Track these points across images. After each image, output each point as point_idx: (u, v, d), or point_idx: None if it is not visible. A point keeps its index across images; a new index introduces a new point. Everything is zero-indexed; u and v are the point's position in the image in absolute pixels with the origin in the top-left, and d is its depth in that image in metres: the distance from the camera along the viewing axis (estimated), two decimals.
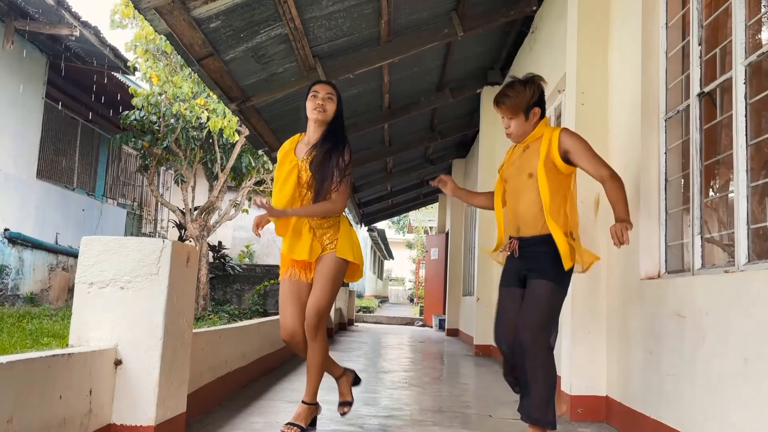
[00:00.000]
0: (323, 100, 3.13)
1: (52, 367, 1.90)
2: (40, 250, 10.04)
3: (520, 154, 2.99)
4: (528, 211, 2.88)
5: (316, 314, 3.06)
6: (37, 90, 9.96)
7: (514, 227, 2.95)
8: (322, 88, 3.18)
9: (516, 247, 2.90)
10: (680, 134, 3.22)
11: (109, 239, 2.41)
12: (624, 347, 3.47)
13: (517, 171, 2.96)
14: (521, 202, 2.91)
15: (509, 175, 3.02)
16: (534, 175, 2.86)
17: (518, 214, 2.92)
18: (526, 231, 2.89)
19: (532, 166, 2.88)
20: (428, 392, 4.78)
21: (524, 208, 2.89)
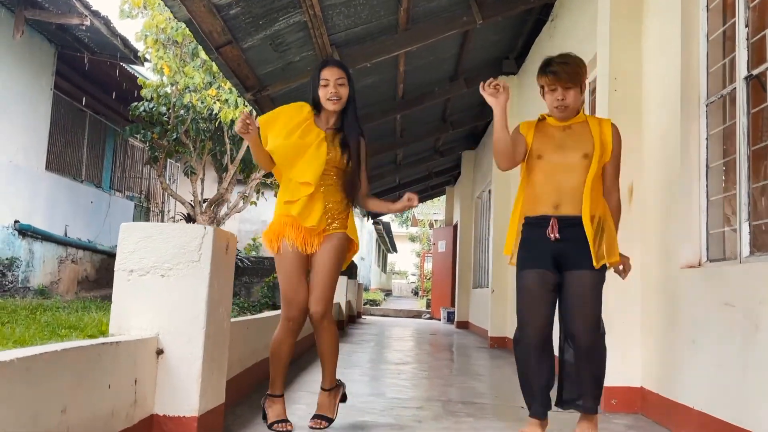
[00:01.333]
0: (336, 87, 2.95)
1: (102, 356, 1.84)
2: (49, 243, 9.99)
3: (560, 133, 2.82)
4: (576, 189, 2.72)
5: (323, 302, 2.91)
6: (45, 81, 9.88)
7: (552, 204, 2.75)
8: (331, 74, 2.96)
9: (556, 229, 2.72)
10: (722, 120, 3.15)
11: (149, 225, 2.35)
12: (662, 337, 3.40)
13: (557, 149, 2.79)
14: (570, 179, 2.74)
15: (543, 151, 2.80)
16: (590, 156, 2.74)
17: (562, 190, 2.74)
18: (568, 209, 2.72)
19: (586, 147, 2.76)
20: (453, 384, 4.72)
21: (573, 185, 2.73)
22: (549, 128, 2.88)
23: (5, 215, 9.00)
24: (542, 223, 2.76)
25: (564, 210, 2.73)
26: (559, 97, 2.77)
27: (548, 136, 2.85)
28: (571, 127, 2.84)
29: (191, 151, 10.41)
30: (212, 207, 10.94)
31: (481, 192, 11.33)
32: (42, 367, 1.51)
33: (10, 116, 9.08)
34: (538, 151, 2.83)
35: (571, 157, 2.77)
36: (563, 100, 2.77)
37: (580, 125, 2.83)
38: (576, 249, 2.71)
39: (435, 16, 6.17)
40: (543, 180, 2.80)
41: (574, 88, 2.77)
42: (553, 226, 2.73)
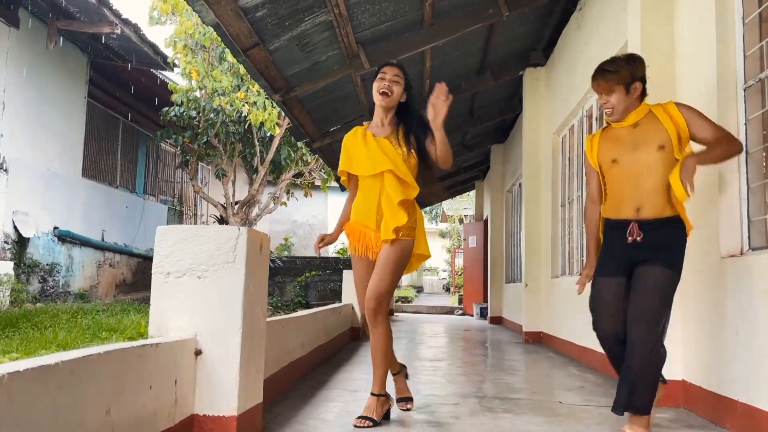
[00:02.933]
0: (390, 81, 3.05)
1: (142, 358, 1.88)
2: (87, 248, 10.23)
3: (630, 133, 2.84)
4: (657, 188, 2.73)
5: (376, 298, 2.97)
6: (79, 89, 10.11)
7: (633, 208, 2.78)
8: (390, 70, 3.10)
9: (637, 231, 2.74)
10: (760, 104, 3.06)
11: (184, 228, 2.38)
12: (704, 329, 3.32)
13: (632, 149, 2.81)
14: (649, 178, 2.75)
15: (617, 155, 2.85)
16: (665, 147, 2.73)
17: (643, 191, 2.76)
18: (649, 212, 2.74)
19: (660, 138, 2.74)
20: (489, 380, 4.69)
21: (652, 182, 2.74)
22: (617, 132, 2.92)
23: (45, 222, 9.24)
24: (622, 226, 2.80)
25: (645, 213, 2.76)
26: (603, 103, 2.88)
27: (618, 139, 2.89)
28: (639, 123, 2.85)
29: (222, 154, 10.54)
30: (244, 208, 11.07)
31: (512, 186, 11.23)
32: (85, 370, 1.55)
33: (46, 125, 9.31)
34: (611, 156, 2.88)
35: (647, 154, 2.78)
36: (606, 104, 2.86)
37: (647, 118, 2.84)
38: (653, 249, 2.73)
39: (460, 10, 6.12)
40: (623, 182, 2.84)
41: (617, 91, 2.81)
42: (633, 229, 2.76)
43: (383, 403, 3.05)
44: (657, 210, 2.74)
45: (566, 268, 6.99)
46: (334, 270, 13.04)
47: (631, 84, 2.82)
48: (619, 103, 2.82)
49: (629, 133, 2.86)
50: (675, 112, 2.78)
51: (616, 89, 2.81)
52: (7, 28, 8.41)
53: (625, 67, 2.82)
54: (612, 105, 2.83)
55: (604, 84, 2.83)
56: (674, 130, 2.75)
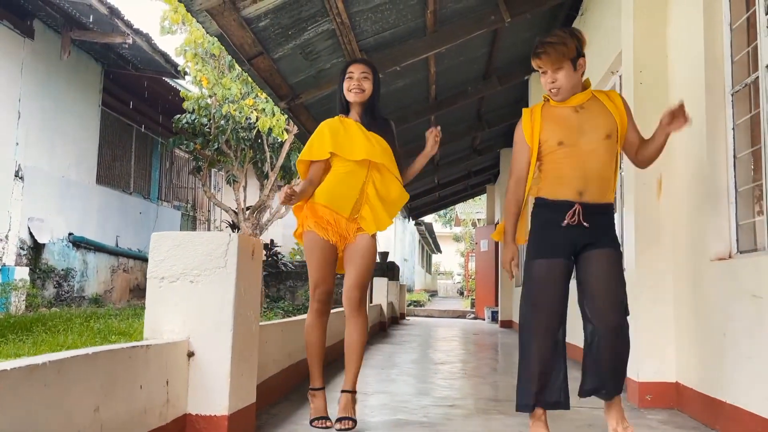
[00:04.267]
0: (359, 80, 3.07)
1: (132, 358, 1.97)
2: (102, 253, 10.43)
3: (575, 115, 2.69)
4: (601, 174, 2.65)
5: (361, 287, 2.98)
6: (93, 98, 10.33)
7: (575, 190, 2.63)
8: (357, 68, 3.11)
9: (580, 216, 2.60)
10: (748, 108, 3.09)
11: (178, 234, 2.48)
12: (695, 331, 3.36)
13: (579, 132, 2.66)
14: (595, 163, 2.64)
15: (564, 137, 2.66)
16: (611, 137, 2.67)
17: (588, 177, 2.63)
18: (593, 196, 2.64)
19: (607, 127, 2.67)
20: (488, 382, 4.74)
21: (596, 169, 2.64)
22: (560, 111, 2.73)
23: (60, 228, 9.44)
24: (561, 207, 2.64)
25: (588, 197, 2.63)
26: (550, 79, 2.67)
27: (562, 120, 2.71)
28: (584, 106, 2.72)
29: (232, 160, 10.69)
30: (255, 214, 11.19)
31: None
32: (73, 369, 1.64)
33: (61, 133, 9.53)
34: (557, 138, 2.68)
35: (594, 140, 2.66)
36: (553, 83, 2.66)
37: (592, 103, 2.73)
38: (598, 232, 2.66)
39: (463, 17, 6.19)
40: (568, 164, 2.66)
41: (565, 68, 2.63)
42: (578, 212, 2.61)
43: (355, 399, 3.06)
44: (600, 195, 2.66)
45: None
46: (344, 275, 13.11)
47: (577, 60, 2.65)
48: (567, 81, 2.65)
49: (574, 115, 2.70)
50: (620, 105, 2.72)
51: (564, 65, 2.63)
52: (22, 39, 8.63)
53: (571, 40, 2.66)
54: (560, 84, 2.64)
55: (551, 57, 2.61)
56: (619, 121, 2.70)
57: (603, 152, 2.67)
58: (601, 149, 2.67)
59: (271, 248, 13.64)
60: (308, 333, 3.08)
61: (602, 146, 2.67)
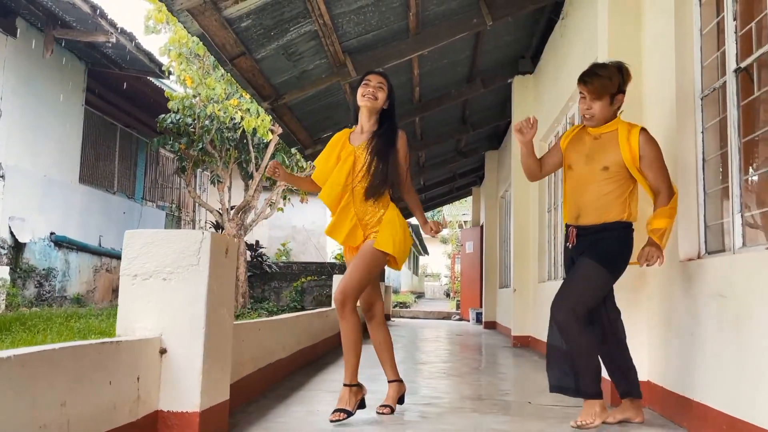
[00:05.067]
0: (374, 88, 3.23)
1: (102, 354, 1.98)
2: (84, 253, 10.36)
3: (590, 143, 2.96)
4: (595, 202, 2.88)
5: (342, 291, 3.16)
6: (76, 97, 10.27)
7: (573, 215, 2.97)
8: (374, 78, 3.31)
9: (574, 236, 2.94)
10: (717, 112, 3.16)
11: (151, 232, 2.49)
12: (666, 331, 3.42)
13: (587, 160, 2.94)
14: (588, 192, 2.90)
15: (574, 162, 2.99)
16: (609, 169, 2.86)
17: (582, 203, 2.92)
18: (586, 220, 2.92)
19: (608, 160, 2.87)
20: (467, 381, 4.78)
21: (590, 198, 2.89)
22: (584, 136, 3.04)
23: (42, 227, 9.38)
24: (568, 231, 3.03)
25: (583, 220, 2.94)
26: (586, 107, 2.93)
27: (580, 146, 3.01)
28: (601, 137, 2.97)
29: (217, 160, 10.68)
30: (239, 214, 11.18)
31: (505, 191, 11.33)
32: (38, 364, 1.65)
33: (44, 132, 9.47)
34: (569, 161, 3.04)
35: (590, 169, 2.92)
36: (589, 110, 2.92)
37: (610, 135, 2.95)
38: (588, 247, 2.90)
39: (445, 19, 6.24)
40: (570, 190, 3.02)
41: (604, 100, 2.89)
42: (571, 234, 2.97)
43: (356, 393, 3.20)
44: (596, 218, 2.89)
45: (552, 272, 7.07)
46: (330, 275, 13.13)
47: (615, 95, 2.91)
48: (601, 112, 2.91)
49: (590, 143, 2.97)
50: (634, 143, 2.86)
51: (603, 98, 2.88)
52: (5, 37, 8.57)
53: (617, 76, 2.90)
54: (594, 112, 2.90)
55: (594, 88, 2.87)
56: (628, 157, 2.86)
57: (601, 182, 2.89)
58: (599, 179, 2.90)
59: (256, 249, 13.62)
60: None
61: (600, 177, 2.90)
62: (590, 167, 2.90)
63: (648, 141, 2.89)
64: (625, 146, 2.86)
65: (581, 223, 2.92)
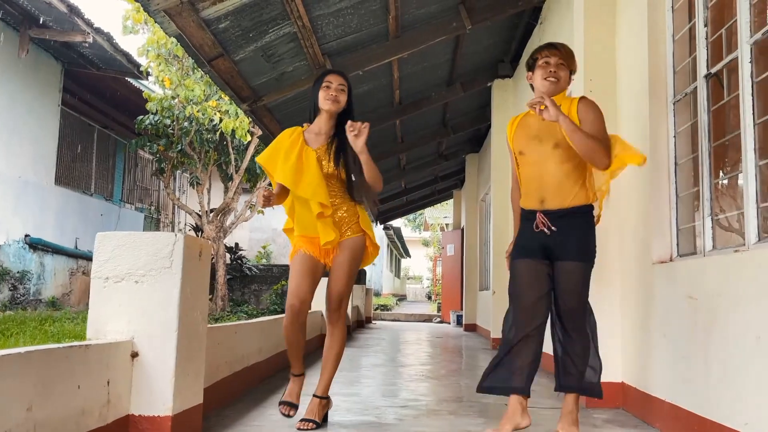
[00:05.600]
0: (336, 90, 3.13)
1: (69, 358, 1.95)
2: (60, 255, 10.21)
3: (537, 125, 2.87)
4: (557, 185, 2.79)
5: (338, 299, 3.11)
6: (53, 97, 10.13)
7: (537, 199, 2.85)
8: (335, 79, 3.18)
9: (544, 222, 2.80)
10: (689, 117, 3.21)
11: (123, 234, 2.46)
12: (639, 333, 3.46)
13: (537, 142, 2.85)
14: (547, 174, 2.81)
15: (525, 146, 2.89)
16: (560, 145, 2.80)
17: (543, 186, 2.82)
18: (552, 204, 2.81)
19: (556, 136, 2.80)
20: (445, 384, 4.79)
21: (551, 180, 2.80)
22: (529, 121, 2.94)
23: (16, 229, 9.23)
24: (531, 216, 2.88)
25: (549, 204, 2.82)
26: (552, 69, 2.84)
27: (527, 130, 2.92)
28: None
29: (196, 162, 10.59)
30: (219, 216, 11.10)
31: (485, 194, 11.40)
32: (3, 367, 1.62)
33: (19, 133, 9.32)
34: (519, 147, 2.94)
35: (546, 149, 2.83)
36: (555, 74, 2.84)
37: None
38: (563, 241, 2.80)
39: (424, 23, 6.26)
40: (528, 174, 2.91)
41: (566, 71, 2.87)
42: (542, 220, 2.82)
43: (325, 405, 3.14)
44: (560, 201, 2.80)
45: None
46: None
47: (571, 74, 2.92)
48: (564, 82, 2.87)
49: (536, 125, 2.88)
50: (574, 111, 2.82)
51: (568, 67, 2.88)
52: None
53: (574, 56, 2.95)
54: (559, 77, 2.84)
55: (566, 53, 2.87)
56: None
57: (556, 161, 2.81)
58: (554, 158, 2.82)
59: (235, 252, 13.53)
60: (285, 332, 3.14)
61: (554, 157, 2.82)
62: (542, 148, 2.83)
63: (587, 106, 2.84)
64: None
65: (548, 207, 2.81)
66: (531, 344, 2.85)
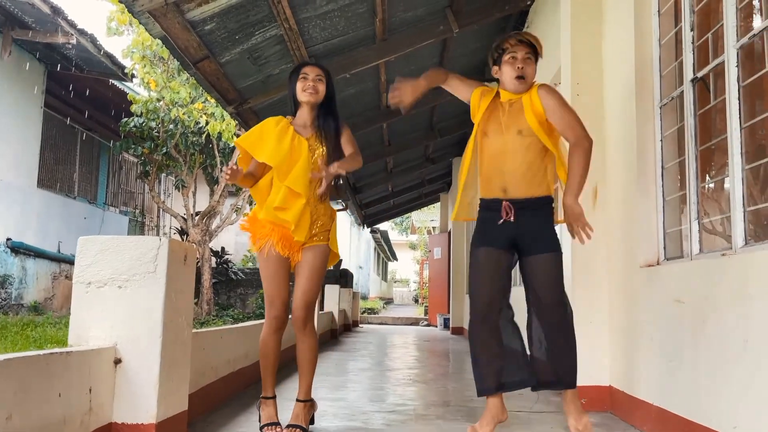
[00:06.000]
0: (314, 81, 3.07)
1: (50, 365, 1.91)
2: (42, 259, 10.07)
3: (506, 110, 2.81)
4: (522, 174, 2.73)
5: (305, 307, 2.99)
6: (35, 99, 10.00)
7: (499, 188, 2.76)
8: (312, 70, 3.11)
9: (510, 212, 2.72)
10: (675, 121, 3.22)
11: (106, 238, 2.42)
12: (626, 336, 3.46)
13: (502, 128, 2.78)
14: (511, 161, 2.74)
15: (490, 129, 2.82)
16: (523, 132, 2.74)
17: (506, 173, 2.75)
18: (517, 192, 2.74)
19: (520, 124, 2.75)
20: (433, 388, 4.77)
21: (515, 168, 2.74)
22: (498, 105, 2.87)
23: None
24: (494, 206, 2.79)
25: (513, 193, 2.75)
26: (520, 64, 2.78)
27: (495, 113, 2.85)
28: (513, 103, 2.83)
29: (182, 165, 10.51)
30: (204, 220, 11.01)
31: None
32: None
33: (1, 135, 9.19)
34: (484, 128, 2.85)
35: (508, 136, 2.77)
36: (521, 69, 2.78)
37: (521, 101, 2.82)
38: (532, 233, 2.76)
39: (412, 26, 6.26)
40: (489, 160, 2.82)
41: (533, 65, 2.82)
42: (507, 209, 2.74)
43: (309, 408, 3.10)
44: (526, 190, 2.75)
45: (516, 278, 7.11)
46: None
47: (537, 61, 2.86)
48: (531, 75, 2.82)
49: (503, 110, 2.82)
50: (535, 99, 2.77)
51: (534, 62, 2.83)
52: None
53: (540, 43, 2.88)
54: (528, 72, 2.79)
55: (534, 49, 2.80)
56: (533, 118, 2.74)
57: (519, 149, 2.76)
58: (517, 146, 2.76)
59: (221, 255, 13.43)
60: (263, 345, 3.05)
61: (516, 143, 2.76)
62: (506, 135, 2.77)
63: (548, 92, 2.79)
64: (529, 107, 2.76)
65: (512, 196, 2.73)
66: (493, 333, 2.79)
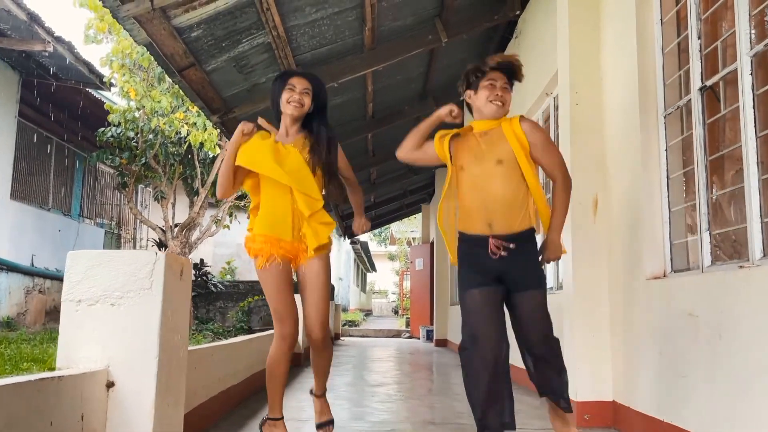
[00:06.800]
0: (300, 94, 2.95)
1: (42, 392, 1.75)
2: (15, 273, 9.73)
3: (479, 142, 2.70)
4: (503, 206, 2.63)
5: (322, 327, 2.98)
6: (9, 109, 9.71)
7: (484, 223, 2.65)
8: (300, 82, 2.98)
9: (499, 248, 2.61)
10: (680, 130, 3.17)
11: (97, 253, 2.27)
12: (631, 350, 3.38)
13: (479, 159, 2.67)
14: (491, 194, 2.64)
15: (466, 162, 2.70)
16: (503, 162, 2.64)
17: (489, 207, 2.64)
18: (502, 227, 2.63)
19: (500, 153, 2.65)
20: (421, 404, 4.65)
21: (496, 200, 2.64)
22: (469, 137, 2.77)
23: None
24: (480, 242, 2.67)
25: (498, 228, 2.65)
26: (500, 93, 2.69)
27: (468, 146, 2.74)
28: (488, 133, 2.72)
29: (161, 176, 10.28)
30: (184, 231, 10.77)
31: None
32: None
33: None
34: (459, 161, 2.75)
35: (487, 165, 2.67)
36: (501, 97, 2.69)
37: (497, 130, 2.72)
38: (519, 269, 2.66)
39: (400, 36, 6.19)
40: (470, 194, 2.71)
41: (509, 93, 2.73)
42: (495, 246, 2.63)
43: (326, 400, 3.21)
44: (509, 225, 2.65)
45: None
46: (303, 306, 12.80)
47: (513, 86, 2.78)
48: (508, 105, 2.73)
49: (477, 142, 2.72)
50: (518, 130, 2.68)
51: (509, 92, 2.73)
52: None
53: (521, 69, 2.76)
54: (505, 100, 2.70)
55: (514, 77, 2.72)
56: (518, 147, 2.66)
57: (500, 179, 2.66)
58: (497, 176, 2.66)
59: (200, 268, 13.17)
60: (274, 366, 2.95)
61: (497, 173, 2.66)
62: (484, 165, 2.66)
63: (534, 127, 2.72)
64: (512, 137, 2.66)
65: (498, 232, 2.62)
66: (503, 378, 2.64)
